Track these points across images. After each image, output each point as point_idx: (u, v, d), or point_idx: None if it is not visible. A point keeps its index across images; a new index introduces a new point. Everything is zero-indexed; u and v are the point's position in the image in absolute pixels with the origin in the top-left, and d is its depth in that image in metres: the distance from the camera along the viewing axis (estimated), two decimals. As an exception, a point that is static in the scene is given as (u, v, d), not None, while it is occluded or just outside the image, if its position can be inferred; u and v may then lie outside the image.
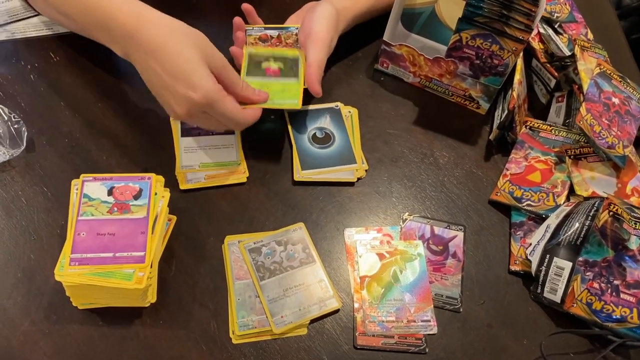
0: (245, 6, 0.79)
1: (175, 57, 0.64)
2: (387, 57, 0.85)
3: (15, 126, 0.73)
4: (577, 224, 0.68)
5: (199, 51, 0.65)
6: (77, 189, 0.65)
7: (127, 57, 0.69)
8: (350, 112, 0.82)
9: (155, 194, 0.66)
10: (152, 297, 0.64)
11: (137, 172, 0.73)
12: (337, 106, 0.82)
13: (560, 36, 0.87)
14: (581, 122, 0.73)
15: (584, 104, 0.74)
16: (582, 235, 0.67)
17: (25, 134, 0.73)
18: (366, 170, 0.77)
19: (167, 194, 0.66)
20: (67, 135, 0.75)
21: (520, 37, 0.72)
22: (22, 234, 0.68)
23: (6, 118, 0.73)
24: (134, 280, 0.60)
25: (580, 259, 0.67)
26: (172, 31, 0.65)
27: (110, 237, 0.61)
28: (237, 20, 0.78)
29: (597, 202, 0.69)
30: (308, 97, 0.78)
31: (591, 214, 0.68)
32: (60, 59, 0.82)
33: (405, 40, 0.86)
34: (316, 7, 0.78)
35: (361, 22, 0.86)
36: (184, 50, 0.64)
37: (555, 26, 0.88)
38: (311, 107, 0.81)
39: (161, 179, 0.67)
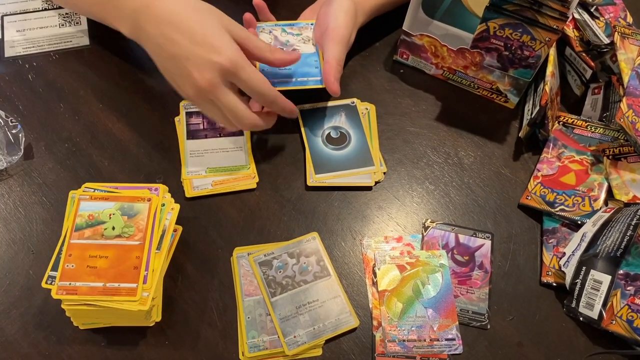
0: (257, 1, 0.73)
1: (196, 23, 0.61)
2: (407, 47, 0.79)
3: (13, 131, 0.69)
4: (616, 234, 0.62)
5: (219, 20, 0.62)
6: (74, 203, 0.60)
7: (136, 34, 0.65)
8: (367, 108, 0.76)
9: (163, 205, 0.61)
10: (156, 316, 0.60)
11: (140, 178, 0.69)
12: (353, 102, 0.76)
13: (597, 20, 0.80)
14: (622, 120, 0.66)
15: (624, 99, 0.68)
16: (622, 247, 0.61)
17: (23, 139, 0.69)
18: (384, 173, 0.72)
19: (176, 207, 0.62)
20: (67, 140, 0.71)
21: (554, 27, 0.66)
22: (21, 248, 0.64)
23: (2, 123, 0.69)
24: (138, 301, 0.56)
25: (621, 272, 0.62)
26: (189, 2, 0.63)
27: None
28: (248, 16, 0.72)
29: (639, 210, 0.63)
30: (321, 93, 0.73)
31: (633, 223, 0.62)
32: (59, 57, 0.78)
33: (426, 27, 0.80)
34: (332, 0, 0.71)
35: (381, 14, 0.80)
36: (204, 18, 0.62)
37: (591, 10, 0.80)
38: (325, 104, 0.76)
39: (165, 188, 0.62)
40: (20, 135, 0.69)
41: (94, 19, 0.73)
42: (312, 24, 0.74)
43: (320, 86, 0.69)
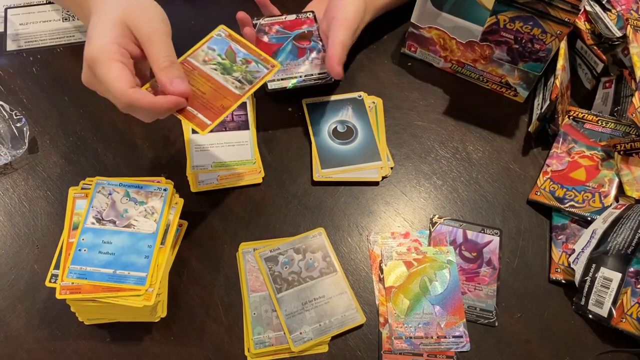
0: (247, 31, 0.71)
1: (105, 12, 0.55)
2: (415, 40, 0.78)
3: (18, 125, 0.69)
4: (627, 231, 0.61)
5: (125, 13, 0.54)
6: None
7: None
8: (374, 102, 0.75)
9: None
10: (162, 312, 0.60)
11: (145, 173, 0.69)
12: (360, 96, 0.75)
13: (609, 13, 0.78)
14: (634, 115, 0.65)
15: (636, 94, 0.66)
16: (633, 244, 0.61)
17: (28, 133, 0.69)
18: (392, 168, 0.71)
19: (180, 201, 0.61)
20: (72, 133, 0.71)
21: (566, 19, 0.64)
22: (25, 242, 0.64)
23: (7, 116, 0.69)
24: (143, 296, 0.56)
25: (631, 269, 0.61)
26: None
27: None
28: (241, 15, 0.70)
29: (651, 206, 0.62)
30: (328, 87, 0.72)
31: (644, 220, 0.61)
32: (64, 50, 0.77)
33: (435, 20, 0.79)
34: None
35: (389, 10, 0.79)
36: (115, 9, 0.55)
37: (603, 2, 0.79)
38: (332, 97, 0.75)
39: (170, 182, 0.62)
40: (24, 128, 0.69)
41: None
42: (165, 189, 0.61)
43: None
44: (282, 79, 0.69)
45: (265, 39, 0.71)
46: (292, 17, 0.74)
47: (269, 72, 0.59)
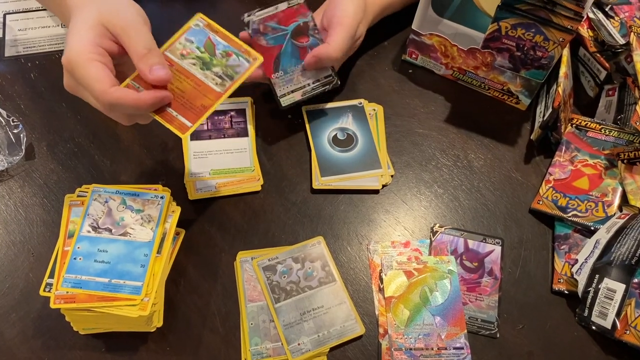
0: (243, 35, 0.69)
1: (80, 15, 0.54)
2: (416, 47, 0.77)
3: (15, 131, 0.68)
4: (631, 241, 0.60)
5: (100, 14, 0.53)
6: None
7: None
8: (374, 109, 0.75)
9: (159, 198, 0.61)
10: (158, 322, 0.59)
11: (143, 180, 0.68)
12: (361, 103, 0.74)
13: (612, 20, 0.78)
14: (637, 123, 0.64)
15: (640, 102, 0.66)
16: (637, 255, 0.60)
17: (25, 139, 0.68)
18: (392, 176, 0.70)
19: (177, 209, 0.61)
20: (69, 140, 0.70)
21: (569, 27, 0.64)
22: (21, 250, 0.63)
23: (4, 122, 0.68)
24: (138, 306, 0.55)
25: (635, 280, 0.60)
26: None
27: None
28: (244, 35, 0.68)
29: (655, 216, 0.61)
30: (328, 94, 0.71)
31: (648, 230, 0.60)
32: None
33: (436, 26, 0.79)
34: None
35: (392, 13, 0.78)
36: (90, 12, 0.53)
37: (606, 9, 0.78)
38: (331, 105, 0.74)
39: (168, 190, 0.61)
40: (21, 135, 0.68)
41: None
42: (162, 197, 0.61)
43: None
44: (292, 92, 0.68)
45: (263, 41, 0.70)
46: (284, 6, 0.71)
47: (250, 66, 0.57)
